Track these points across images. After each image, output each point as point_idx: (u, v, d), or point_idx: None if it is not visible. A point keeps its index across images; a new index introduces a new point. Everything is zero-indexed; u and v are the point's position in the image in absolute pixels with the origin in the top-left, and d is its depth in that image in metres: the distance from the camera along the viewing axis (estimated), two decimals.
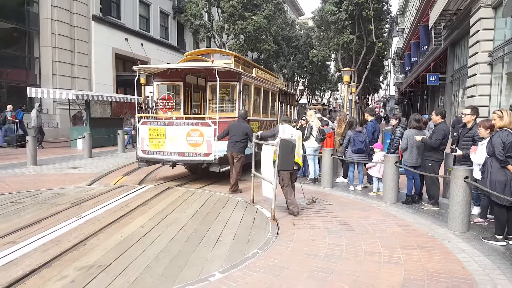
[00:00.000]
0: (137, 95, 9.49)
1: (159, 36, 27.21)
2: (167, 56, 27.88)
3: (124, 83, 24.40)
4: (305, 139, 9.23)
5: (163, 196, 7.24)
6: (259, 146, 6.72)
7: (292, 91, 24.23)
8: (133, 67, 9.26)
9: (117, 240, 4.78)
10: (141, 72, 9.50)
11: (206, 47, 33.20)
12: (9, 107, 15.73)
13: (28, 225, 5.23)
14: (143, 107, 11.56)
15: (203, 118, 8.61)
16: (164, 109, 9.68)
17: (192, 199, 7.04)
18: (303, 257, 4.26)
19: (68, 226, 5.25)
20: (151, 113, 9.70)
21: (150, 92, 11.53)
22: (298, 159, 6.29)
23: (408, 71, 39.12)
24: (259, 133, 7.42)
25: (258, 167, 6.58)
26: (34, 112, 15.99)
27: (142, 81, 18.75)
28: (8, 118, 15.70)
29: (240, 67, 9.81)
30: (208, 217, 5.91)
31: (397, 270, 3.91)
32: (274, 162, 5.73)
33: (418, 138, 6.48)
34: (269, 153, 6.10)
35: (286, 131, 6.56)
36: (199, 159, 7.98)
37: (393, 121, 7.98)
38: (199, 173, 9.74)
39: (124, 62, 24.90)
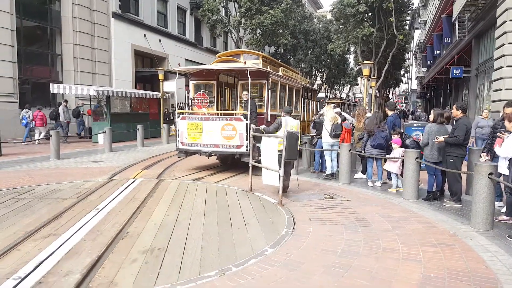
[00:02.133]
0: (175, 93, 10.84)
1: (177, 32, 27.34)
2: (184, 51, 28.03)
3: (143, 79, 24.69)
4: (319, 134, 9.18)
5: (162, 188, 7.52)
6: (257, 139, 7.26)
7: (313, 87, 24.03)
8: (174, 68, 10.71)
9: (154, 227, 5.06)
10: (180, 73, 10.39)
11: (223, 42, 33.32)
12: (81, 102, 17.46)
13: (53, 219, 5.33)
14: (182, 103, 11.96)
15: (235, 114, 9.33)
16: (199, 105, 10.43)
17: (192, 190, 7.36)
18: (320, 252, 4.20)
19: (95, 218, 5.41)
20: (187, 110, 10.41)
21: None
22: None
23: (431, 64, 38.15)
24: (261, 127, 7.86)
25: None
26: (61, 108, 16.43)
27: (160, 76, 18.98)
28: (82, 112, 17.47)
29: (268, 66, 10.42)
30: (220, 204, 6.31)
31: (416, 267, 3.82)
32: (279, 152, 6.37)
33: (440, 139, 6.28)
34: (272, 145, 6.63)
35: (289, 122, 7.22)
36: (232, 151, 8.77)
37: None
38: (228, 163, 10.37)
39: (142, 58, 25.16)
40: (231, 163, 10.21)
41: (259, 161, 7.28)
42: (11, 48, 16.21)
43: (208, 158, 9.52)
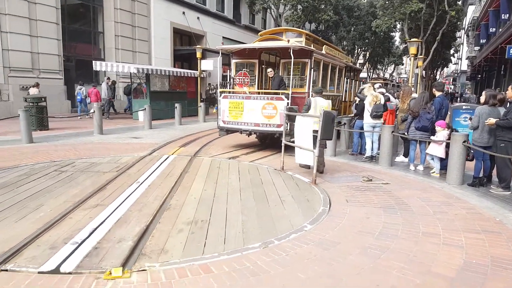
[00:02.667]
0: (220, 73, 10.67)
1: (215, 9, 27.23)
2: (222, 29, 27.93)
3: (181, 57, 24.91)
4: (358, 115, 8.89)
5: (196, 165, 7.67)
6: (291, 119, 7.25)
7: (356, 66, 23.38)
8: (216, 46, 11.02)
9: (194, 201, 5.22)
10: (223, 52, 10.38)
11: (262, 19, 32.87)
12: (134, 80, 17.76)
13: (98, 190, 5.54)
14: (224, 83, 12.15)
15: (277, 93, 9.11)
16: (240, 84, 10.48)
17: (224, 167, 7.47)
18: (356, 233, 4.12)
19: (137, 191, 5.61)
20: (229, 88, 10.50)
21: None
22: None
23: (484, 43, 35.78)
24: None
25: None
26: (104, 85, 16.99)
27: (198, 55, 19.07)
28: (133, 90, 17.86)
29: (311, 44, 10.15)
30: (254, 182, 6.38)
31: (457, 253, 3.66)
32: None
33: (492, 121, 5.89)
34: (307, 124, 6.59)
35: (318, 102, 7.30)
36: (272, 130, 8.84)
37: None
38: (266, 142, 10.49)
39: (181, 36, 25.34)
40: (270, 143, 10.24)
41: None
42: (56, 25, 16.80)
43: (248, 136, 9.69)
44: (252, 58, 10.33)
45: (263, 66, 10.70)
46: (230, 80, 10.64)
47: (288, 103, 8.52)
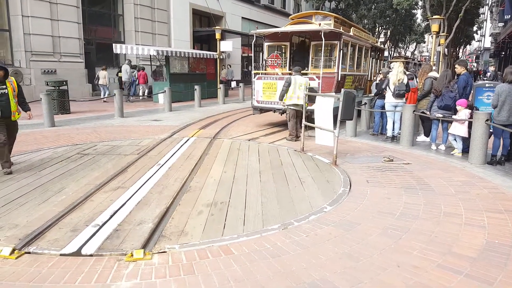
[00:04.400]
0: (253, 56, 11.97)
1: None
2: (242, 9, 27.64)
3: (200, 39, 24.82)
4: (380, 94, 8.77)
5: (216, 147, 7.74)
6: (311, 99, 7.43)
7: (381, 46, 22.96)
8: (251, 31, 11.51)
9: (214, 183, 5.28)
10: (259, 36, 10.96)
11: None
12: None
13: (119, 173, 5.66)
14: (259, 64, 12.45)
15: (307, 74, 9.50)
16: (272, 66, 10.97)
17: (244, 149, 7.52)
18: (377, 214, 4.13)
19: (158, 173, 5.72)
20: (262, 70, 11.02)
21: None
22: (298, 100, 8.19)
23: (509, 19, 34.43)
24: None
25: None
26: (124, 67, 17.15)
27: (218, 36, 18.98)
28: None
29: (340, 27, 10.47)
30: (274, 163, 6.43)
31: (479, 233, 3.64)
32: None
33: None
34: (328, 104, 6.60)
35: (297, 80, 8.21)
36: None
37: None
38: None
39: (200, 18, 25.20)
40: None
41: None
42: (76, 9, 16.90)
43: (281, 115, 10.05)
44: (284, 41, 10.73)
45: (293, 48, 11.15)
46: (262, 62, 11.09)
47: (319, 83, 9.08)
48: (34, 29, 15.22)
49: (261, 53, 11.44)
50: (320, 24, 9.90)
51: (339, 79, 9.76)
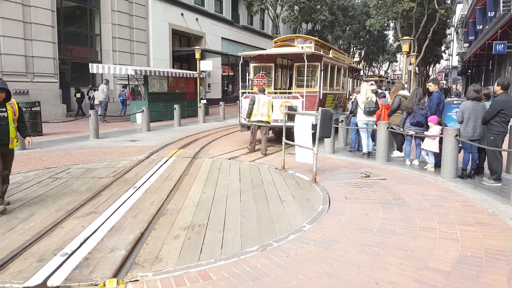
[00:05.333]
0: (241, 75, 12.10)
1: (214, 10, 27.29)
2: (221, 30, 28.00)
3: (180, 58, 24.97)
4: (353, 112, 9.05)
5: (196, 166, 7.70)
6: (291, 117, 7.69)
7: (357, 66, 23.80)
8: (239, 53, 12.31)
9: (193, 204, 5.21)
10: (245, 58, 11.58)
11: (260, 19, 33.03)
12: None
13: (93, 197, 5.48)
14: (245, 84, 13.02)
15: (291, 93, 10.61)
16: (258, 85, 11.35)
17: (225, 168, 7.52)
18: (355, 231, 4.22)
19: (133, 196, 5.56)
20: (248, 89, 11.68)
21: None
22: (268, 118, 9.16)
23: (473, 40, 36.14)
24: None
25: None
26: (101, 87, 16.94)
27: (197, 55, 19.13)
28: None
29: (320, 50, 11.27)
30: (254, 182, 6.44)
31: (453, 246, 3.77)
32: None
33: None
34: (306, 122, 6.70)
35: (261, 99, 9.14)
36: (290, 125, 9.13)
37: None
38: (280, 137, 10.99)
39: (179, 38, 25.39)
40: (277, 140, 10.98)
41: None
42: (52, 28, 16.64)
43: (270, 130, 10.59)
44: (269, 62, 11.49)
45: (281, 69, 12.10)
46: (249, 81, 11.79)
47: (303, 101, 9.76)
48: (6, 49, 14.82)
49: (247, 73, 11.93)
50: (302, 47, 10.61)
51: (321, 98, 10.35)
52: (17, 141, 5.12)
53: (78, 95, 17.53)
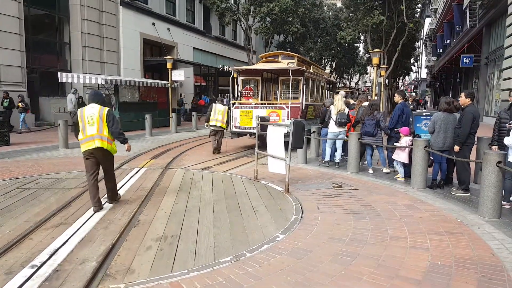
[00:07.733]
0: (231, 88, 12.59)
1: (186, 20, 27.21)
2: (193, 40, 27.93)
3: (151, 68, 24.68)
4: (325, 124, 9.18)
5: (168, 177, 7.62)
6: (263, 128, 7.87)
7: (334, 79, 24.67)
8: (230, 68, 13.47)
9: (165, 215, 5.16)
10: (235, 72, 12.38)
11: (232, 30, 33.25)
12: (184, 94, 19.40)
13: (62, 208, 5.36)
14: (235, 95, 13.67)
15: (277, 104, 11.57)
16: (246, 97, 12.65)
17: (197, 179, 7.48)
18: (327, 240, 4.24)
19: (104, 206, 5.46)
20: (237, 100, 12.63)
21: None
22: (222, 124, 10.46)
23: (441, 53, 37.66)
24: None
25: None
26: (69, 97, 16.49)
27: (169, 65, 18.99)
28: (184, 103, 18.32)
29: (302, 65, 12.25)
30: (227, 193, 6.43)
31: (423, 255, 3.84)
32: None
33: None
34: (279, 133, 6.75)
35: (217, 107, 10.50)
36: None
37: None
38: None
39: (151, 47, 25.12)
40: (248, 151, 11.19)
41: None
42: (19, 36, 16.23)
43: (250, 137, 11.60)
44: (256, 76, 12.64)
45: (267, 82, 13.14)
46: (237, 93, 12.85)
47: (288, 111, 10.63)
48: None
49: (236, 86, 12.74)
50: (288, 63, 11.57)
51: (304, 108, 11.35)
52: None
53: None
